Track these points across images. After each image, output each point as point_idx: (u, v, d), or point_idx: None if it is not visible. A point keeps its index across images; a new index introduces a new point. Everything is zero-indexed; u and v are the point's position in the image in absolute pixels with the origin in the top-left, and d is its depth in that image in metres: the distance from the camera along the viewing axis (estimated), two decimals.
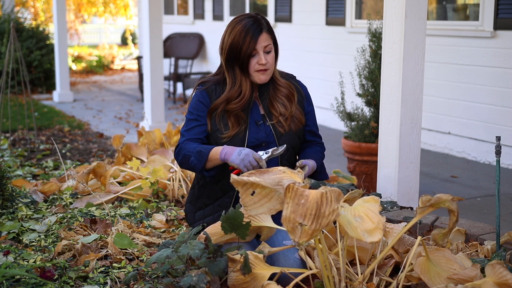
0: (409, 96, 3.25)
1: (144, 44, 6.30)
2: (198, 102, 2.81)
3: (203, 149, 2.68)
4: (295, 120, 2.84)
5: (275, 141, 2.78)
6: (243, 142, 2.75)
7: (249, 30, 2.69)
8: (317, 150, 2.95)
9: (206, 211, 2.86)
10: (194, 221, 2.90)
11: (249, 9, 9.05)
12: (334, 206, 1.93)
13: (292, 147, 2.84)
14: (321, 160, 2.92)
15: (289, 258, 2.51)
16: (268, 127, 2.80)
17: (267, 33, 2.74)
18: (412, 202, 3.32)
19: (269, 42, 2.74)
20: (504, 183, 4.78)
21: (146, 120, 6.23)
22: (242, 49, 2.69)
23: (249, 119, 2.79)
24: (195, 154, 2.68)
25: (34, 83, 10.45)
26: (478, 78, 5.64)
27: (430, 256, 2.24)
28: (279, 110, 2.81)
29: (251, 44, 2.68)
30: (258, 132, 2.78)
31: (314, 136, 2.97)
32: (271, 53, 2.76)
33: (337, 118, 4.74)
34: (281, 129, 2.79)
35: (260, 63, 2.71)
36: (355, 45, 5.89)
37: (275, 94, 2.83)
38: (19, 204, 3.61)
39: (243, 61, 2.71)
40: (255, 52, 2.71)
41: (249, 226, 2.35)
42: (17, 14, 11.93)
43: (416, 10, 3.19)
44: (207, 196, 2.86)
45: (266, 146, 2.78)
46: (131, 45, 19.39)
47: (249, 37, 2.68)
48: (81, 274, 2.65)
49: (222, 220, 2.36)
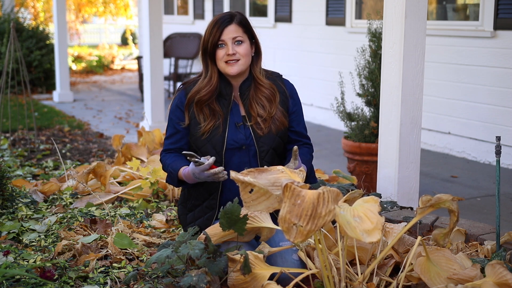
0: (409, 96, 3.25)
1: (144, 44, 6.30)
2: (176, 108, 2.85)
3: (172, 170, 2.78)
4: (276, 122, 2.81)
5: (255, 144, 2.78)
6: (222, 144, 2.76)
7: (218, 21, 2.76)
8: (305, 151, 2.89)
9: (196, 213, 2.86)
10: (186, 224, 2.90)
11: (249, 9, 9.05)
12: (330, 206, 1.92)
13: (273, 148, 2.81)
14: (310, 162, 2.90)
15: (287, 260, 2.51)
16: (247, 129, 2.79)
17: (237, 25, 2.76)
18: (412, 202, 3.32)
19: (238, 34, 2.75)
20: (504, 183, 4.78)
21: (146, 120, 6.23)
22: (209, 40, 2.76)
23: (229, 120, 2.79)
24: (168, 173, 2.82)
25: (34, 83, 10.45)
26: (478, 78, 5.64)
27: (430, 256, 2.24)
28: (257, 111, 2.80)
29: (216, 34, 2.74)
30: (237, 134, 2.78)
31: (301, 136, 2.91)
32: (242, 45, 2.76)
33: (337, 118, 4.74)
34: (259, 131, 2.78)
35: (228, 54, 2.73)
36: (355, 45, 5.89)
37: (255, 94, 2.82)
38: (19, 204, 3.61)
39: (211, 51, 2.76)
40: (222, 42, 2.75)
41: (246, 220, 2.35)
42: (17, 14, 11.93)
43: (416, 10, 3.19)
44: (195, 197, 2.86)
45: (246, 149, 2.78)
46: (131, 45, 19.39)
47: (216, 28, 2.75)
48: (81, 274, 2.65)
49: (220, 217, 2.37)
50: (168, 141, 2.87)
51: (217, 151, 2.76)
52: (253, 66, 2.84)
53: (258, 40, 2.85)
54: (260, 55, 2.87)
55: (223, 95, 2.81)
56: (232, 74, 2.77)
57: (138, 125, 6.96)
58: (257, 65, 2.85)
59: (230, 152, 2.77)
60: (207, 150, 2.77)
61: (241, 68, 2.76)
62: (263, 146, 2.78)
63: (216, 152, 2.76)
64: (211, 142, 2.76)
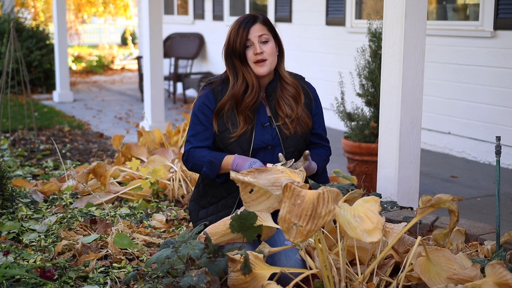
0: (409, 96, 3.25)
1: (144, 44, 6.30)
2: (203, 105, 2.81)
3: (214, 159, 2.72)
4: (301, 123, 2.82)
5: (281, 144, 2.78)
6: (249, 144, 2.75)
7: (242, 22, 2.74)
8: (322, 152, 2.93)
9: (210, 210, 2.86)
10: (197, 219, 2.90)
11: (249, 9, 9.05)
12: (330, 206, 1.92)
13: (298, 150, 2.82)
14: (324, 163, 2.91)
15: (291, 259, 2.51)
16: (274, 129, 2.79)
17: (261, 24, 2.75)
18: (412, 202, 3.32)
19: (263, 32, 2.74)
20: (504, 183, 4.78)
21: (146, 120, 6.23)
22: (236, 42, 2.73)
23: (256, 120, 2.78)
24: (207, 164, 2.73)
25: (34, 83, 10.45)
26: (478, 78, 5.64)
27: (430, 256, 2.24)
28: (285, 111, 2.80)
29: (243, 35, 2.72)
30: (264, 134, 2.78)
31: (320, 139, 2.95)
32: (268, 44, 2.75)
33: (337, 118, 4.73)
34: (286, 131, 2.78)
35: (256, 53, 2.72)
36: (355, 45, 5.89)
37: (282, 93, 2.82)
38: (19, 204, 3.61)
39: (240, 53, 2.74)
40: (249, 42, 2.73)
41: (259, 229, 2.35)
42: (17, 14, 11.93)
43: (416, 10, 3.19)
44: (212, 195, 2.86)
45: (272, 149, 2.78)
46: (130, 45, 19.39)
47: (241, 29, 2.73)
48: (81, 274, 2.65)
49: (233, 219, 2.36)
50: (194, 139, 2.82)
51: (244, 150, 2.76)
52: (278, 65, 2.84)
53: (281, 39, 2.85)
54: (283, 54, 2.87)
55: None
56: (262, 74, 2.76)
57: (138, 125, 6.96)
58: (281, 64, 2.85)
59: (255, 151, 2.77)
60: (234, 149, 2.76)
61: (269, 68, 2.76)
62: (289, 147, 2.79)
63: (242, 151, 2.76)
64: (238, 142, 2.76)
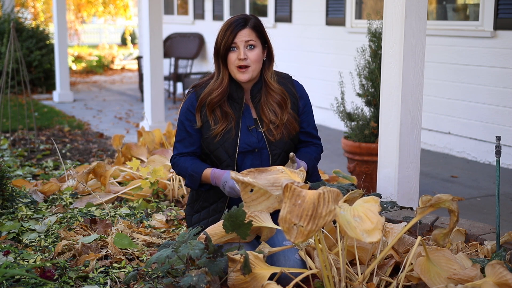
0: (409, 96, 3.25)
1: (144, 44, 6.30)
2: (187, 111, 2.81)
3: (194, 173, 2.75)
4: (288, 127, 2.81)
5: (267, 147, 2.77)
6: (235, 148, 2.75)
7: (232, 24, 2.73)
8: (312, 150, 2.89)
9: (202, 215, 2.86)
10: (191, 224, 2.91)
11: (249, 9, 9.05)
12: (331, 207, 1.92)
13: (285, 151, 2.81)
14: (315, 161, 2.88)
15: (290, 259, 2.51)
16: (260, 132, 2.78)
17: (251, 30, 2.73)
18: (412, 202, 3.32)
19: (251, 38, 2.72)
20: (504, 183, 4.78)
21: (146, 120, 6.23)
22: (222, 42, 2.73)
23: (241, 123, 2.78)
24: (188, 177, 2.78)
25: (34, 83, 10.45)
26: (478, 78, 5.64)
27: (430, 256, 2.24)
28: (269, 117, 2.78)
29: (230, 37, 2.71)
30: (249, 137, 2.77)
31: (311, 137, 2.92)
32: (254, 50, 2.73)
33: (337, 118, 4.73)
34: (271, 138, 2.77)
35: (239, 58, 2.70)
36: (355, 45, 5.89)
37: (267, 99, 2.80)
38: (19, 204, 3.61)
39: (222, 54, 2.73)
40: (234, 45, 2.72)
41: (250, 226, 2.35)
42: (17, 14, 11.93)
43: (416, 10, 3.19)
44: (203, 199, 2.86)
45: (259, 152, 2.77)
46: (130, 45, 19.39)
47: (229, 31, 2.71)
48: (81, 274, 2.65)
49: (224, 219, 2.36)
50: (180, 145, 2.83)
51: (230, 154, 2.75)
52: (264, 70, 2.82)
53: (271, 44, 2.83)
54: (273, 60, 2.85)
55: (235, 98, 2.79)
56: (243, 81, 2.76)
57: (138, 125, 6.96)
58: (268, 70, 2.83)
59: (243, 155, 2.77)
60: (220, 154, 2.76)
61: (251, 75, 2.74)
62: (275, 150, 2.78)
63: (228, 155, 2.75)
64: (223, 146, 2.75)
